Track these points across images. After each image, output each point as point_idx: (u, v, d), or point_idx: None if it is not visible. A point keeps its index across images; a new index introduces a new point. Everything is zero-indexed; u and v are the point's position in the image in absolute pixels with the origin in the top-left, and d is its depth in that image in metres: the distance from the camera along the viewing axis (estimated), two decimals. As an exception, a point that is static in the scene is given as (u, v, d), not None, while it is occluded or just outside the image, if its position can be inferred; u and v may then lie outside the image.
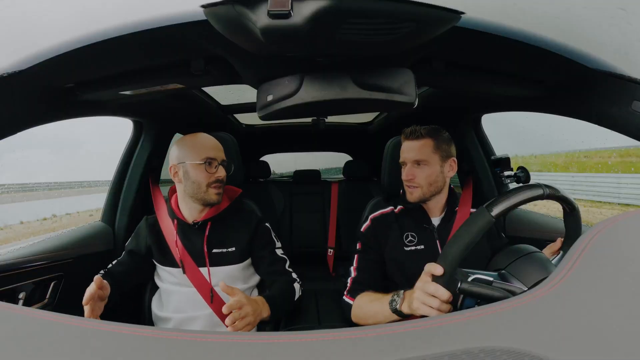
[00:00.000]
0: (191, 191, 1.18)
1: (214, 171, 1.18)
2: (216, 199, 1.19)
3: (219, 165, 1.19)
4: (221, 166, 1.20)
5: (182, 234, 1.22)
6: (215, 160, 1.18)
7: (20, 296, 1.05)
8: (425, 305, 0.75)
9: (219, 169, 1.18)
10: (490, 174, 1.71)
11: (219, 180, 1.18)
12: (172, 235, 1.22)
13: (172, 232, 1.22)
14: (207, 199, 1.19)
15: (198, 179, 1.17)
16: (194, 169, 1.17)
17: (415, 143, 1.17)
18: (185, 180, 1.18)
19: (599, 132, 0.95)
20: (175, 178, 1.21)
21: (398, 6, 0.60)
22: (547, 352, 0.35)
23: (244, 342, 0.38)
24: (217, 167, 1.18)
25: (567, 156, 5.78)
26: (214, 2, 0.61)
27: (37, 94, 0.88)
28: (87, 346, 0.37)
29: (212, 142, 1.22)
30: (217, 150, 1.21)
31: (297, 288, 1.23)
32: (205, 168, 1.16)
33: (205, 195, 1.18)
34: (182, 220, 1.22)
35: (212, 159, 1.18)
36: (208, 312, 1.17)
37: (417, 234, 1.19)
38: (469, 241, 0.66)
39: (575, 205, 0.76)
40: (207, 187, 1.17)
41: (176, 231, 1.22)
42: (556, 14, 0.70)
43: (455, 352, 0.35)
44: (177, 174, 1.20)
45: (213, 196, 1.18)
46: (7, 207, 2.93)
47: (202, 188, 1.17)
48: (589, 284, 0.44)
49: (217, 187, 1.19)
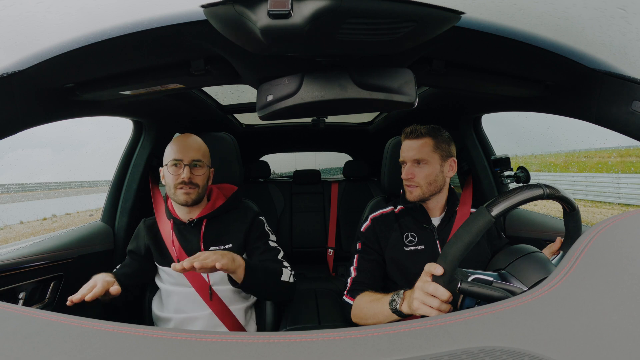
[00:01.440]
0: (168, 192, 1.21)
1: (179, 172, 1.16)
2: (183, 200, 1.17)
3: (186, 167, 1.16)
4: (188, 167, 1.16)
5: (178, 233, 1.23)
6: (181, 162, 1.16)
7: (20, 296, 1.05)
8: (425, 305, 0.75)
9: (184, 170, 1.16)
10: (490, 173, 1.71)
11: (183, 182, 1.15)
12: (169, 235, 1.22)
13: (169, 232, 1.23)
14: (176, 200, 1.19)
15: (167, 180, 1.19)
16: (166, 171, 1.19)
17: (415, 142, 1.17)
18: (165, 182, 1.21)
19: (599, 132, 0.95)
20: (163, 181, 1.23)
21: (398, 6, 0.60)
22: (547, 352, 0.35)
23: (244, 342, 0.38)
24: (183, 169, 1.16)
25: (567, 156, 5.78)
26: (214, 2, 0.61)
27: (37, 94, 0.88)
28: (87, 346, 0.37)
29: (182, 144, 1.19)
30: (184, 151, 1.17)
31: (285, 272, 1.19)
32: (172, 170, 1.17)
33: (174, 197, 1.18)
34: (178, 220, 1.23)
35: (178, 160, 1.16)
36: (208, 313, 1.17)
37: (417, 233, 1.19)
38: (469, 241, 0.66)
39: (575, 205, 0.76)
40: (175, 189, 1.17)
41: (172, 231, 1.22)
42: (556, 14, 0.70)
43: (455, 352, 0.35)
44: (164, 177, 1.22)
45: (180, 197, 1.17)
46: (7, 207, 2.93)
47: (171, 189, 1.18)
48: (589, 284, 0.44)
49: (183, 188, 1.16)
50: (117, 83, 0.96)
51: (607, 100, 0.87)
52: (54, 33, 0.73)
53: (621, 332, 0.37)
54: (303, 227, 2.70)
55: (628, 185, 5.26)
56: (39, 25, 0.71)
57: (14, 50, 0.76)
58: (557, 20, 0.72)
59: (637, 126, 0.83)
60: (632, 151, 4.98)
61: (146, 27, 0.72)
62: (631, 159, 5.28)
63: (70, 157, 4.72)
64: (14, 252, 1.08)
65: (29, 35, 0.74)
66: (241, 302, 1.24)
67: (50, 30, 0.73)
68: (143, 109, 1.45)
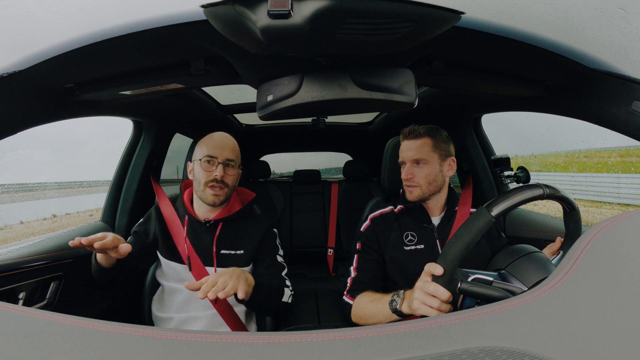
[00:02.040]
0: (195, 188, 1.20)
1: (212, 169, 1.15)
2: (211, 200, 1.17)
3: (219, 165, 1.16)
4: (221, 165, 1.16)
5: (191, 231, 1.21)
6: (215, 159, 1.16)
7: (20, 296, 1.05)
8: (425, 305, 0.75)
9: (218, 168, 1.15)
10: (490, 173, 1.71)
11: (215, 180, 1.15)
12: (180, 230, 1.21)
13: (179, 227, 1.21)
14: (204, 199, 1.17)
15: (198, 176, 1.17)
16: (197, 166, 1.18)
17: (414, 142, 1.17)
18: (193, 177, 1.20)
19: (599, 132, 0.95)
20: (190, 175, 1.22)
21: (398, 6, 0.60)
22: (547, 352, 0.35)
23: (244, 342, 0.38)
24: (216, 166, 1.15)
25: (567, 156, 5.78)
26: (214, 2, 0.61)
27: (37, 94, 0.88)
28: (87, 346, 0.37)
29: (217, 140, 1.19)
30: (220, 149, 1.17)
31: (287, 293, 1.18)
32: (204, 166, 1.16)
33: (202, 195, 1.17)
34: (194, 217, 1.21)
35: (212, 157, 1.16)
36: (211, 312, 1.16)
37: (417, 233, 1.19)
38: (469, 241, 0.66)
39: (575, 205, 0.76)
40: (205, 186, 1.16)
41: (186, 227, 1.21)
42: (556, 14, 0.70)
43: (455, 352, 0.35)
44: (192, 171, 1.21)
45: (209, 197, 1.16)
46: (7, 207, 2.93)
47: (200, 186, 1.17)
48: (589, 284, 0.44)
49: (213, 188, 1.16)
50: (117, 83, 0.96)
51: (607, 100, 0.87)
52: (54, 33, 0.73)
53: (621, 332, 0.37)
54: (303, 227, 2.70)
55: (628, 185, 5.26)
56: (39, 25, 0.71)
57: (14, 50, 0.76)
58: (557, 20, 0.72)
59: (637, 126, 0.83)
60: (632, 151, 4.98)
61: (146, 27, 0.72)
62: (631, 159, 5.28)
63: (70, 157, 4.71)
64: (14, 252, 1.07)
65: (29, 35, 0.74)
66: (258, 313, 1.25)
67: (50, 30, 0.73)
68: (143, 109, 1.45)
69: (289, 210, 2.72)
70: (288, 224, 2.69)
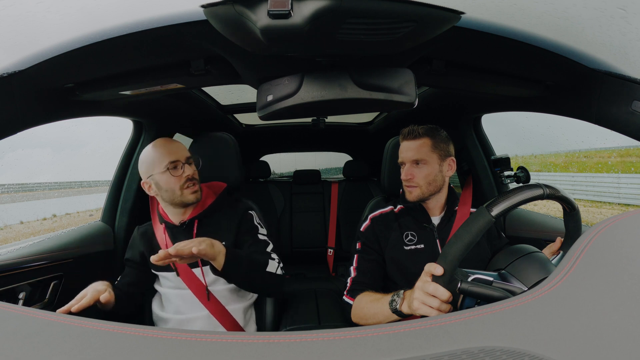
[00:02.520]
0: (168, 198, 1.18)
1: (181, 172, 1.16)
2: (194, 198, 1.18)
3: (184, 165, 1.17)
4: (186, 165, 1.18)
5: (172, 236, 1.22)
6: (179, 161, 1.17)
7: (20, 296, 1.05)
8: (425, 305, 0.75)
9: (185, 168, 1.17)
10: (490, 173, 1.71)
11: (189, 179, 1.16)
12: (163, 239, 1.22)
13: (163, 236, 1.22)
14: (185, 201, 1.17)
15: (169, 185, 1.15)
16: (161, 177, 1.15)
17: (413, 143, 1.17)
18: (159, 190, 1.17)
19: (599, 132, 0.95)
20: (151, 192, 1.20)
21: (398, 6, 0.60)
22: (547, 352, 0.35)
23: (244, 342, 0.38)
24: (182, 167, 1.16)
25: (567, 156, 5.78)
26: (214, 2, 0.61)
27: (37, 94, 0.88)
28: (87, 346, 0.37)
29: (169, 145, 1.19)
30: (176, 152, 1.17)
31: (272, 264, 1.17)
32: (171, 173, 1.15)
33: (182, 198, 1.17)
34: (170, 223, 1.22)
35: (175, 162, 1.16)
36: (205, 314, 1.17)
37: (417, 233, 1.19)
38: (469, 241, 0.66)
39: (575, 205, 0.76)
40: (181, 190, 1.16)
41: (165, 235, 1.22)
42: (556, 14, 0.70)
43: (455, 352, 0.35)
44: (151, 187, 1.18)
45: (189, 196, 1.17)
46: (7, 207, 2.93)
47: (177, 192, 1.16)
48: (589, 284, 0.44)
49: (190, 186, 1.17)
50: (117, 83, 0.96)
51: (607, 100, 0.87)
52: (54, 33, 0.73)
53: (621, 332, 0.37)
54: (303, 227, 2.70)
55: (628, 185, 5.27)
56: (39, 25, 0.71)
57: (14, 50, 0.76)
58: (557, 20, 0.72)
59: (637, 126, 0.83)
60: (632, 151, 4.98)
61: (146, 27, 0.72)
62: (631, 159, 5.28)
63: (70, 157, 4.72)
64: (14, 252, 1.07)
65: (29, 35, 0.74)
66: (239, 302, 1.23)
67: (50, 30, 0.73)
68: (143, 109, 1.45)
69: (289, 210, 2.72)
70: (288, 224, 2.69)
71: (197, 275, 1.18)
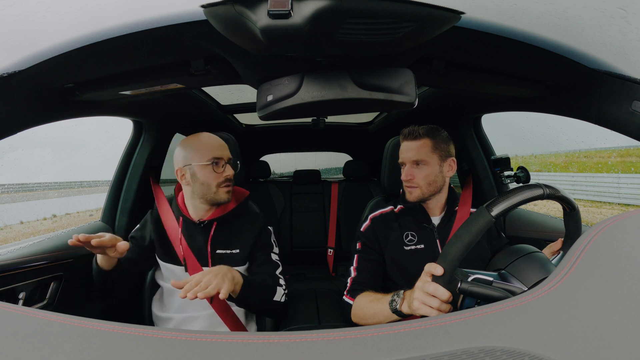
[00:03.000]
0: (200, 192, 1.17)
1: (222, 170, 1.17)
2: (226, 198, 1.18)
3: (226, 164, 1.18)
4: (228, 165, 1.19)
5: (186, 232, 1.21)
6: (222, 160, 1.17)
7: (20, 296, 1.05)
8: (425, 305, 0.75)
9: (226, 168, 1.18)
10: (490, 173, 1.71)
11: (228, 179, 1.18)
12: (176, 232, 1.21)
13: (176, 229, 1.21)
14: (218, 199, 1.18)
15: (207, 180, 1.15)
16: (201, 170, 1.15)
17: (413, 143, 1.17)
18: (193, 182, 1.17)
19: (599, 132, 0.95)
20: (183, 181, 1.19)
21: (398, 6, 0.60)
22: (547, 352, 0.35)
23: (244, 342, 0.38)
24: (224, 166, 1.17)
25: (567, 156, 5.78)
26: (214, 2, 0.61)
27: (37, 94, 0.88)
28: (87, 346, 0.37)
29: (217, 141, 1.20)
30: (222, 149, 1.19)
31: (279, 292, 1.19)
32: (213, 168, 1.15)
33: (216, 196, 1.17)
34: (188, 218, 1.21)
35: (219, 159, 1.17)
36: (209, 312, 1.17)
37: (417, 233, 1.19)
38: (469, 241, 0.66)
39: (575, 205, 0.76)
40: (217, 188, 1.16)
41: (181, 229, 1.21)
42: (556, 14, 0.70)
43: (455, 352, 0.35)
44: (185, 176, 1.18)
45: (223, 195, 1.17)
46: (7, 207, 2.93)
47: (212, 189, 1.16)
48: (589, 284, 0.44)
49: (227, 186, 1.18)
50: (117, 83, 0.96)
51: (607, 100, 0.87)
52: (54, 33, 0.73)
53: (621, 332, 0.37)
54: (303, 227, 2.70)
55: (628, 185, 5.27)
56: (39, 25, 0.71)
57: (14, 50, 0.76)
58: (557, 20, 0.72)
59: (637, 126, 0.83)
60: (632, 151, 4.98)
61: (146, 27, 0.72)
62: (631, 159, 5.28)
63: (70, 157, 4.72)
64: (14, 252, 1.07)
65: (29, 35, 0.74)
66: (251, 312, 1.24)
67: (50, 30, 0.73)
68: (143, 109, 1.45)
69: (289, 210, 2.72)
70: (288, 224, 2.69)
71: None
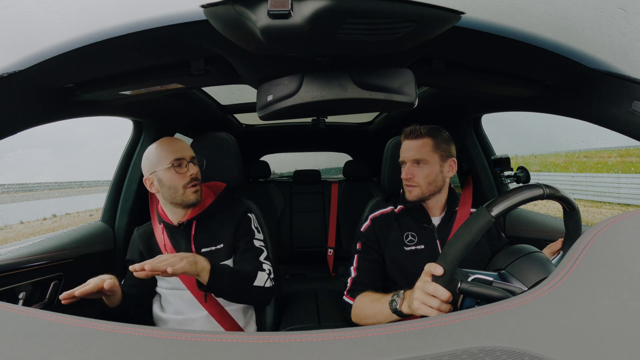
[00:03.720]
0: (169, 196, 1.17)
1: (185, 170, 1.16)
2: (195, 198, 1.17)
3: (189, 163, 1.17)
4: (191, 164, 1.18)
5: (170, 236, 1.22)
6: (184, 159, 1.17)
7: (20, 296, 1.05)
8: (425, 305, 0.75)
9: (189, 167, 1.17)
10: (490, 173, 1.71)
11: (193, 179, 1.17)
12: (162, 239, 1.21)
13: (161, 236, 1.22)
14: (187, 201, 1.17)
15: (172, 182, 1.15)
16: (165, 174, 1.15)
17: (414, 142, 1.17)
18: (161, 187, 1.17)
19: (599, 132, 0.95)
20: (152, 189, 1.19)
21: (398, 6, 0.60)
22: (547, 352, 0.35)
23: (244, 342, 0.38)
24: (187, 166, 1.17)
25: (567, 156, 5.79)
26: (214, 2, 0.61)
27: (37, 94, 0.88)
28: (87, 346, 0.37)
29: (175, 143, 1.19)
30: (183, 150, 1.18)
31: (261, 277, 1.16)
32: (176, 170, 1.15)
33: (184, 197, 1.17)
34: (169, 223, 1.21)
35: (180, 159, 1.16)
36: (204, 314, 1.17)
37: (417, 233, 1.19)
38: (469, 241, 0.66)
39: (575, 205, 0.76)
40: (184, 189, 1.16)
41: (164, 235, 1.21)
42: (556, 14, 0.70)
43: (455, 352, 0.35)
44: (153, 184, 1.18)
45: (191, 196, 1.17)
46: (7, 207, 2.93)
47: (179, 191, 1.16)
48: (589, 284, 0.44)
49: (193, 186, 1.17)
50: (117, 83, 0.96)
51: (607, 100, 0.87)
52: (54, 33, 0.73)
53: (621, 332, 0.37)
54: (303, 227, 2.70)
55: (628, 185, 5.27)
56: (39, 25, 0.71)
57: (14, 50, 0.76)
58: (557, 20, 0.72)
59: (637, 126, 0.83)
60: (632, 151, 4.98)
61: (146, 27, 0.72)
62: (631, 159, 5.28)
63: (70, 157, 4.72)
64: (14, 252, 1.07)
65: (29, 35, 0.74)
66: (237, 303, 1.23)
67: (50, 30, 0.73)
68: (143, 109, 1.45)
69: (289, 210, 2.72)
70: (288, 224, 2.69)
71: None
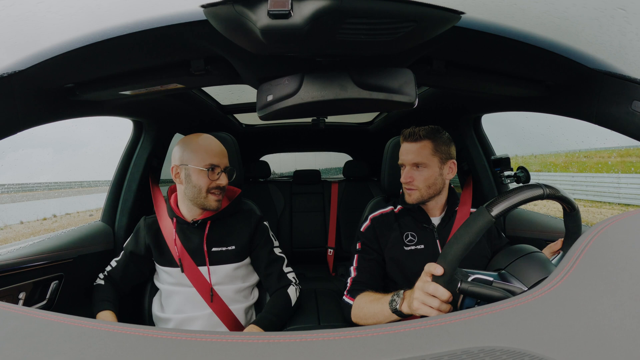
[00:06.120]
0: (191, 194, 1.18)
1: (216, 178, 1.17)
2: (215, 206, 1.19)
3: (222, 172, 1.18)
4: (224, 173, 1.19)
5: (181, 232, 1.22)
6: (219, 167, 1.18)
7: (20, 296, 1.05)
8: (425, 305, 0.75)
9: (221, 176, 1.18)
10: (490, 173, 1.71)
11: (219, 187, 1.17)
12: (171, 234, 1.21)
13: (171, 231, 1.22)
14: (206, 205, 1.18)
15: (199, 183, 1.16)
16: (196, 173, 1.16)
17: (413, 145, 1.16)
18: (186, 182, 1.17)
19: (599, 132, 0.95)
20: (177, 179, 1.19)
21: (398, 6, 0.60)
22: (547, 352, 0.35)
23: (244, 342, 0.38)
24: (219, 174, 1.17)
25: (567, 156, 5.79)
26: (214, 2, 0.61)
27: (37, 94, 0.88)
28: (87, 346, 0.37)
29: (217, 148, 1.20)
30: (221, 157, 1.19)
31: (292, 292, 1.21)
32: (208, 174, 1.15)
33: (205, 201, 1.17)
34: (182, 219, 1.22)
35: (216, 166, 1.17)
36: (208, 312, 1.17)
37: (417, 233, 1.19)
38: (469, 241, 0.66)
39: (575, 205, 0.76)
40: (207, 193, 1.17)
41: (175, 230, 1.22)
42: (556, 14, 0.70)
43: (455, 352, 0.35)
44: (179, 175, 1.18)
45: (212, 202, 1.18)
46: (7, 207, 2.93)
47: (202, 193, 1.16)
48: (589, 284, 0.44)
49: (217, 194, 1.18)
50: (117, 83, 0.96)
51: (607, 100, 0.87)
52: (54, 33, 0.73)
53: (621, 332, 0.37)
54: (303, 227, 2.70)
55: (628, 185, 5.27)
56: (39, 25, 0.71)
57: (14, 50, 0.76)
58: (557, 20, 0.72)
59: (637, 126, 0.83)
60: (632, 151, 4.99)
61: (146, 27, 0.72)
62: (631, 159, 5.28)
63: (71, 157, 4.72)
64: (14, 252, 1.07)
65: (29, 35, 0.74)
66: (242, 302, 1.24)
67: (50, 30, 0.73)
68: (143, 109, 1.45)
69: (289, 210, 2.72)
70: (288, 224, 2.69)
71: (203, 274, 1.18)
